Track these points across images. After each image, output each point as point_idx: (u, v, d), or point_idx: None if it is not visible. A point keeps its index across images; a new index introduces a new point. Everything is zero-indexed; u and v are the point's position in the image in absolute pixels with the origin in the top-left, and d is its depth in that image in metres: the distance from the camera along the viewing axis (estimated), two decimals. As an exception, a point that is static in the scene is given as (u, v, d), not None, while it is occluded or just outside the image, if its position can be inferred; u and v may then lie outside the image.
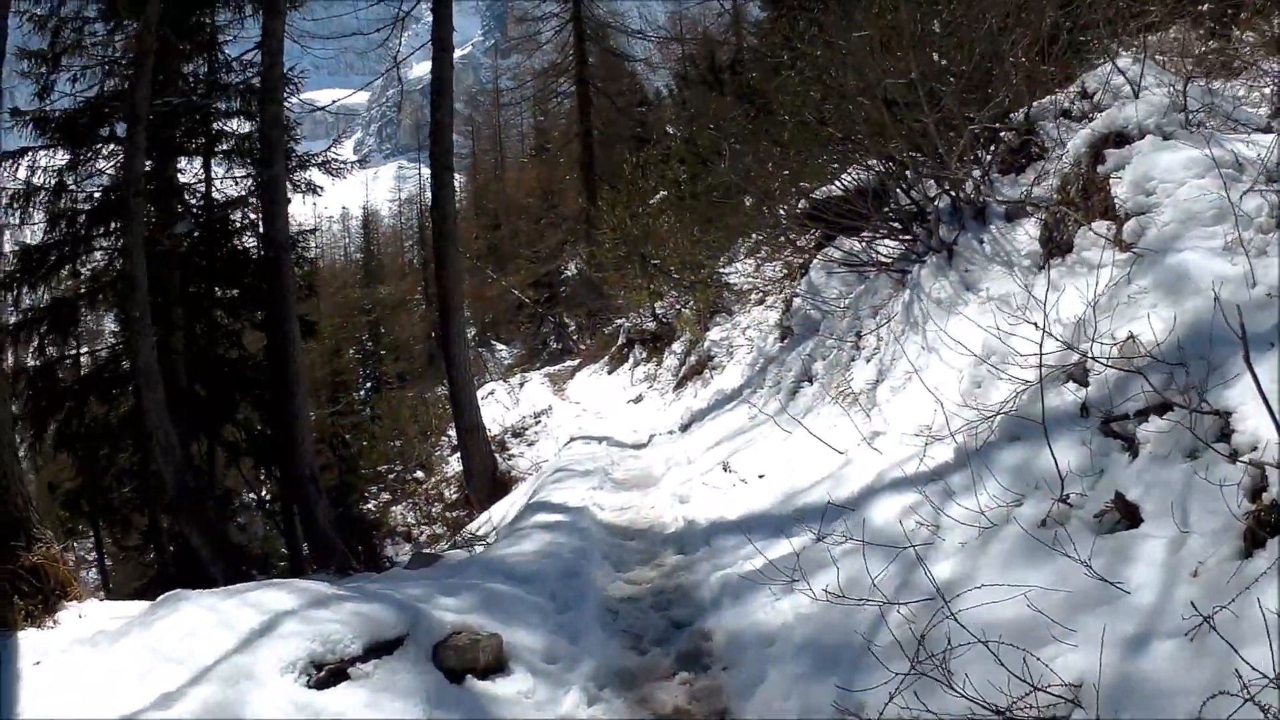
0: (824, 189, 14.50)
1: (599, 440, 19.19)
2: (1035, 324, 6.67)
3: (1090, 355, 6.16)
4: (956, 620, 4.85)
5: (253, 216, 22.48)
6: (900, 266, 11.91)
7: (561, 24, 47.41)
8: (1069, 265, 8.11)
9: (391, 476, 31.35)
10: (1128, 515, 5.21)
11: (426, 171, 79.89)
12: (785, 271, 21.57)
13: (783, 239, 19.60)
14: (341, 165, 23.72)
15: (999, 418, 6.88)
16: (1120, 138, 8.09)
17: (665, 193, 28.54)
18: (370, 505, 28.57)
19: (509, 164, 71.87)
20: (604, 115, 48.66)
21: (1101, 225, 7.84)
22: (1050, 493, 5.76)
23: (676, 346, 27.04)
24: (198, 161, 22.65)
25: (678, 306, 28.99)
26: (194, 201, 22.11)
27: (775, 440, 11.85)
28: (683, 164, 25.81)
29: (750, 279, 25.02)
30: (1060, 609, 4.75)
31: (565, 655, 6.87)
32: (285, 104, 22.78)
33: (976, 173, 11.02)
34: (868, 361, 11.28)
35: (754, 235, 22.49)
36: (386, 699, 5.63)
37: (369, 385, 58.02)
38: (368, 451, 33.09)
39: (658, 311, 30.46)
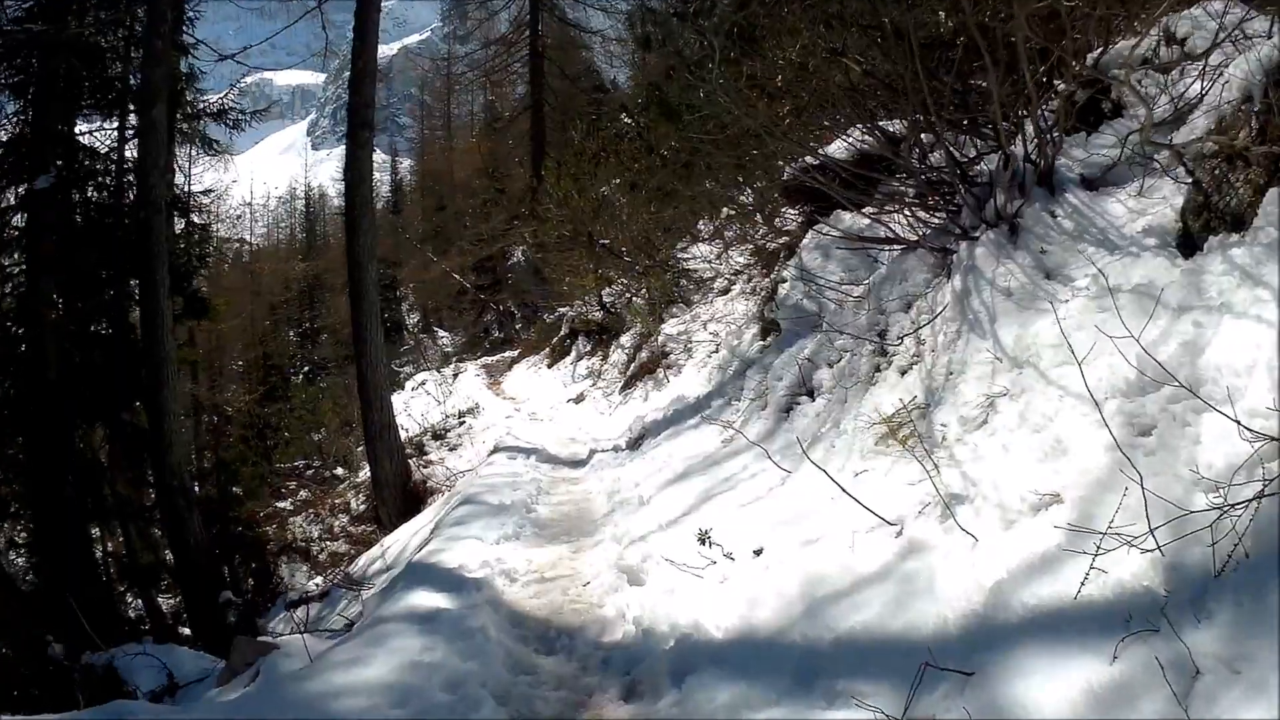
0: (814, 152, 11.31)
1: (527, 453, 15.87)
2: None
3: None
4: None
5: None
6: (938, 243, 8.58)
7: (516, -14, 44.66)
8: (1259, 244, 4.80)
9: (309, 472, 28.26)
10: None
11: (377, 154, 79.29)
12: (756, 257, 18.39)
13: (758, 216, 16.44)
14: (242, 115, 20.42)
15: (1255, 507, 3.50)
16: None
17: (617, 180, 25.24)
18: (284, 504, 25.30)
19: (458, 146, 69.07)
20: (558, 94, 46.11)
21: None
22: None
23: (625, 340, 23.96)
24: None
25: (628, 294, 26.05)
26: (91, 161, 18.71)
27: (767, 482, 8.39)
28: (644, 115, 22.33)
29: (712, 265, 21.78)
30: None
31: None
32: (190, 51, 19.84)
33: (1030, 128, 7.86)
34: (903, 374, 7.93)
35: (724, 210, 19.17)
36: None
37: (306, 369, 55.63)
38: (284, 446, 30.24)
39: (605, 300, 27.52)
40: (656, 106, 19.29)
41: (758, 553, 6.88)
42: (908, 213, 9.10)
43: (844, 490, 6.37)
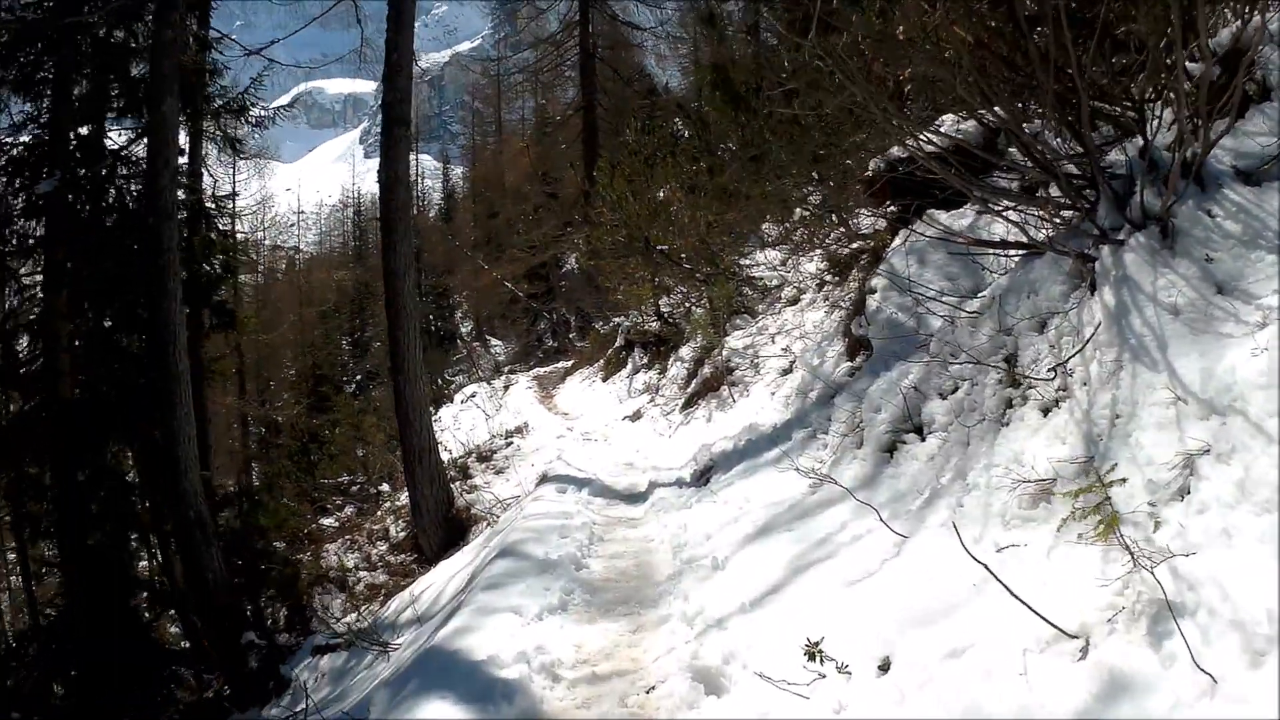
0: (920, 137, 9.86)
1: (579, 484, 14.28)
2: None
3: None
4: None
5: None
6: (1073, 247, 6.89)
7: (565, -13, 44.02)
8: None
9: (354, 488, 27.19)
10: None
11: (426, 160, 79.24)
12: (829, 263, 16.82)
13: (834, 216, 14.93)
14: (265, 114, 19.05)
15: None
16: None
17: (674, 182, 23.67)
18: (329, 520, 24.21)
19: (510, 151, 68.31)
20: (611, 96, 45.10)
21: None
22: None
23: (685, 352, 22.51)
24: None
25: (687, 304, 24.71)
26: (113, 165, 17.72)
27: (877, 549, 6.64)
28: (708, 103, 20.60)
29: (779, 272, 20.22)
30: None
31: None
32: (214, 46, 18.66)
33: (1166, 114, 6.67)
34: (1046, 413, 6.25)
35: (797, 211, 17.57)
36: None
37: (358, 379, 55.29)
38: (327, 461, 29.15)
39: (663, 310, 26.18)
40: (721, 93, 17.56)
41: (884, 668, 5.16)
42: (1034, 210, 7.45)
43: (1009, 590, 4.57)
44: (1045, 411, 6.28)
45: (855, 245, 15.22)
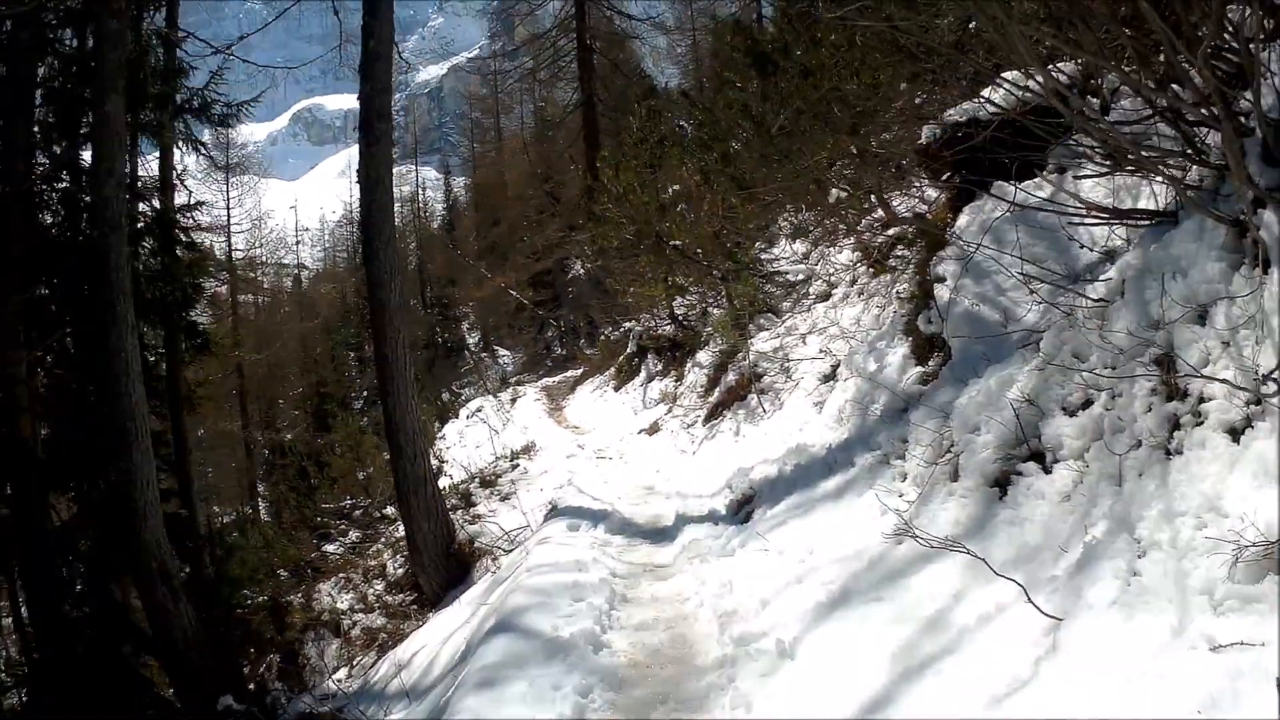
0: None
1: (593, 519, 12.44)
2: None
3: None
4: None
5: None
6: (1222, 213, 5.06)
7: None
8: None
9: (357, 513, 25.72)
10: None
11: (427, 171, 79.49)
12: (862, 252, 15.16)
13: (872, 197, 13.28)
14: (229, 110, 17.52)
15: None
16: None
17: (684, 169, 21.98)
18: (330, 548, 22.71)
19: (509, 157, 67.39)
20: (610, 91, 44.33)
21: None
22: None
23: (703, 357, 20.88)
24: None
25: (704, 304, 23.20)
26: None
27: (1021, 642, 4.71)
28: (730, 69, 18.74)
29: (806, 265, 18.57)
30: None
31: None
32: (180, 45, 17.29)
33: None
34: (1236, 435, 4.43)
35: (834, 192, 15.69)
36: None
37: (365, 394, 54.56)
38: (327, 485, 27.77)
39: (677, 312, 24.64)
40: (743, 56, 15.73)
41: None
42: (1161, 172, 5.62)
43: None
44: (1235, 435, 4.47)
45: (891, 233, 13.64)
